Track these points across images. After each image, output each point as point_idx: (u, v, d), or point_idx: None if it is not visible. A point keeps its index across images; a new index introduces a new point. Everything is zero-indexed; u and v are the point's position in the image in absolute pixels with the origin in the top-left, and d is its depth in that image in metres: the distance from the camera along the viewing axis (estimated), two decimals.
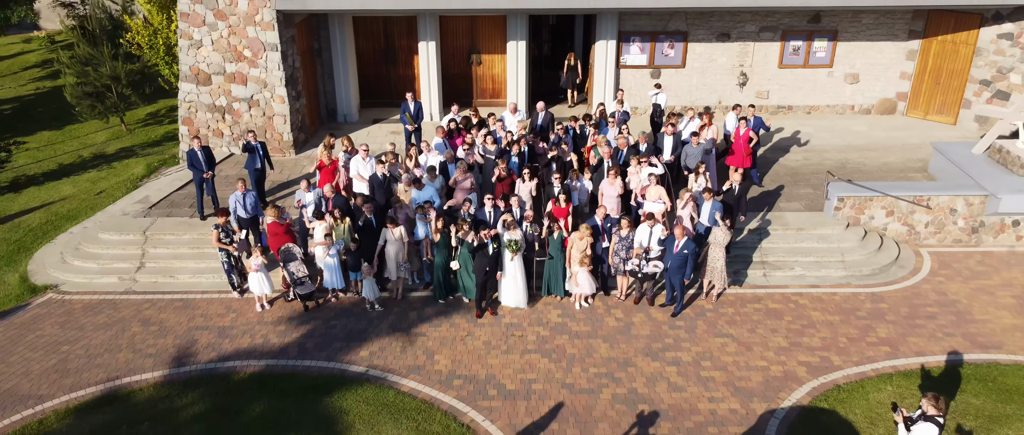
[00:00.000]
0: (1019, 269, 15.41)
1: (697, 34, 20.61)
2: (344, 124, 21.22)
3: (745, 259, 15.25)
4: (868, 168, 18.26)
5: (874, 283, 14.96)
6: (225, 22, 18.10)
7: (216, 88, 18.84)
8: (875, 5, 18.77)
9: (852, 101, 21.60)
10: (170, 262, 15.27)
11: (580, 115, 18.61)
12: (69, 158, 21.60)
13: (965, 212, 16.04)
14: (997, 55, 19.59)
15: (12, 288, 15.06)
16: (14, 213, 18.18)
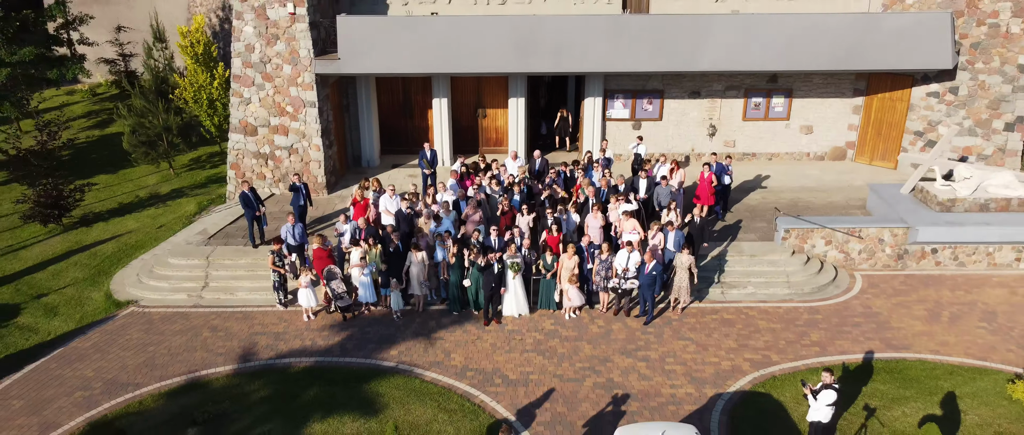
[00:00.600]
0: (934, 288, 18.60)
1: (672, 92, 24.10)
2: (368, 168, 24.58)
3: (707, 279, 18.45)
4: (816, 205, 21.56)
5: (813, 299, 18.15)
6: (271, 83, 21.58)
7: (261, 138, 22.25)
8: (821, 69, 22.27)
9: (807, 149, 25.01)
10: (229, 282, 18.47)
11: (570, 161, 21.97)
12: (127, 198, 24.88)
13: (891, 242, 19.30)
14: (926, 110, 23.06)
15: (99, 303, 18.22)
16: (89, 243, 21.40)
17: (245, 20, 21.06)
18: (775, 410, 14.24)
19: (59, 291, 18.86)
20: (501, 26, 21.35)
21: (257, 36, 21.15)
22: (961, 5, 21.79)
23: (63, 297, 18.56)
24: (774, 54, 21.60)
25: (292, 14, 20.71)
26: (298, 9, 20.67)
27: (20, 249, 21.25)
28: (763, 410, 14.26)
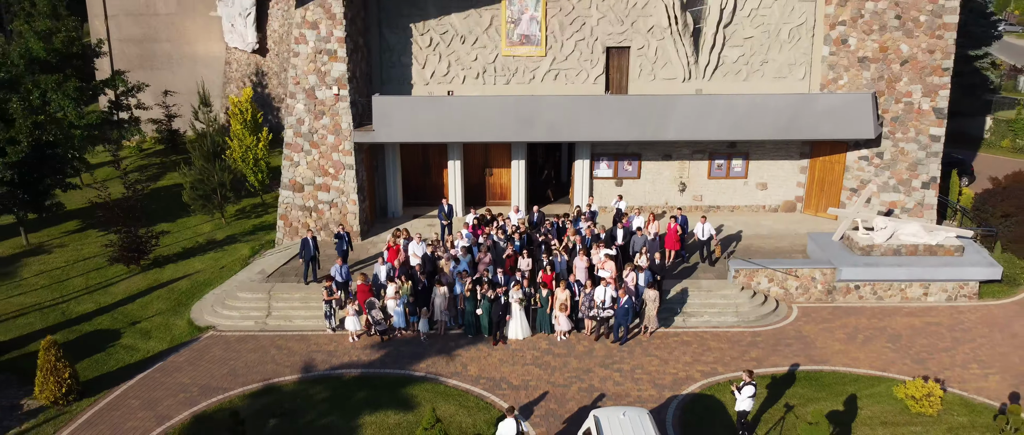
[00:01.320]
0: (854, 317, 23.23)
1: (648, 155, 28.99)
2: (393, 218, 29.36)
3: (671, 309, 23.07)
4: (766, 250, 26.26)
5: (756, 326, 22.76)
6: (317, 150, 26.47)
7: (307, 194, 27.07)
8: (769, 138, 27.18)
9: (763, 202, 29.82)
10: (288, 311, 23.10)
11: (562, 214, 26.75)
12: (189, 243, 29.59)
13: (822, 279, 23.99)
14: (859, 171, 27.94)
15: (183, 328, 22.83)
16: (166, 281, 26.06)
17: (297, 99, 26.04)
18: (716, 406, 18.79)
19: (149, 319, 23.48)
20: (505, 104, 26.37)
21: (307, 112, 26.10)
22: (882, 87, 26.82)
23: (153, 324, 23.17)
24: (729, 126, 26.56)
25: (336, 95, 25.69)
26: (341, 91, 25.65)
27: (109, 285, 25.92)
28: (707, 407, 18.80)
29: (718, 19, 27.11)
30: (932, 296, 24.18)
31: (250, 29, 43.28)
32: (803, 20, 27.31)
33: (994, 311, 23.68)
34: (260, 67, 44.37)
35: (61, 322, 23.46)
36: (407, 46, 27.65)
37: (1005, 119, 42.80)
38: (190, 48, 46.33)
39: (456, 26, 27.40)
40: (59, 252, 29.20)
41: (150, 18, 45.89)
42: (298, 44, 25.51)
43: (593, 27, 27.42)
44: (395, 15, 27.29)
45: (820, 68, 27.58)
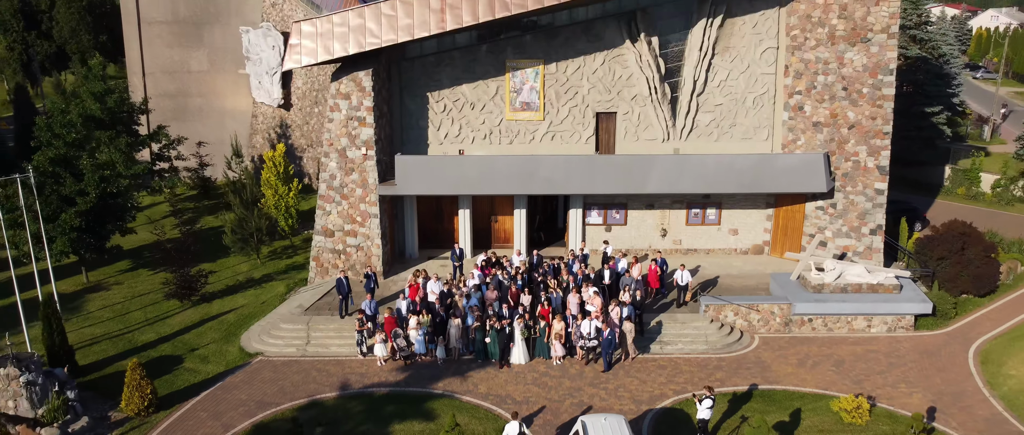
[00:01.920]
0: (806, 346, 27.42)
1: (633, 205, 33.38)
2: (410, 259, 33.65)
3: (650, 339, 27.26)
4: (735, 288, 30.50)
5: (722, 353, 26.94)
6: (347, 201, 30.86)
7: (336, 239, 31.40)
8: (736, 192, 31.59)
9: (734, 246, 34.13)
10: (325, 340, 27.29)
11: (557, 257, 31.04)
12: (230, 281, 33.83)
13: (780, 313, 28.23)
14: (816, 219, 32.32)
15: (235, 354, 26.99)
16: (215, 314, 30.26)
17: (330, 158, 30.50)
18: (684, 418, 22.93)
19: (205, 346, 27.66)
20: (509, 162, 30.87)
21: (338, 169, 30.56)
22: (833, 147, 31.33)
23: (210, 350, 27.34)
24: (702, 181, 31.04)
25: (364, 155, 30.16)
26: (369, 151, 30.13)
27: (166, 318, 30.13)
28: (676, 418, 22.96)
29: (692, 89, 31.72)
30: (874, 328, 28.40)
31: (276, 86, 48.00)
32: (765, 90, 31.92)
33: (926, 340, 27.89)
34: (284, 120, 49.02)
35: (129, 349, 27.63)
36: (424, 111, 32.22)
37: (963, 168, 47.27)
38: (220, 102, 51.12)
39: (466, 95, 31.99)
40: (117, 289, 33.47)
41: (184, 75, 50.75)
42: (333, 112, 30.05)
43: (584, 95, 32.02)
44: (414, 85, 31.91)
45: (781, 131, 32.11)
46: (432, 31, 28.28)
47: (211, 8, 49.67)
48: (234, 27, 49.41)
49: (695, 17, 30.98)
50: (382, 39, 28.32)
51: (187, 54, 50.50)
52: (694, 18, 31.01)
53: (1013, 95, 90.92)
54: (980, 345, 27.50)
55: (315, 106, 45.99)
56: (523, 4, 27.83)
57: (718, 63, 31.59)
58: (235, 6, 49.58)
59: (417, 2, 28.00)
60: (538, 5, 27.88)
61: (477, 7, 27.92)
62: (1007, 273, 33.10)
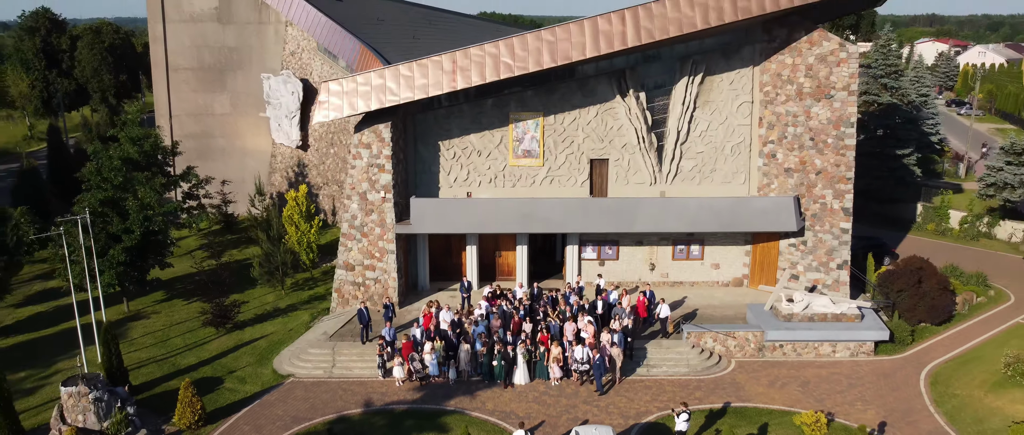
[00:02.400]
0: (776, 368, 30.95)
1: (624, 242, 37.08)
2: (422, 291, 37.26)
3: (638, 362, 30.79)
4: (715, 317, 34.07)
5: (702, 375, 30.46)
6: (366, 239, 34.56)
7: (357, 272, 35.04)
8: (719, 231, 35.29)
9: (716, 279, 37.77)
10: (348, 363, 30.83)
11: (555, 289, 34.61)
12: (259, 310, 37.41)
13: (754, 340, 31.80)
14: (789, 255, 35.99)
15: (269, 376, 30.51)
16: (247, 340, 33.81)
17: (352, 200, 34.25)
18: (665, 431, 26.45)
19: (242, 369, 31.19)
20: (512, 204, 34.66)
21: (359, 210, 34.30)
22: (803, 191, 35.12)
23: (246, 372, 30.88)
24: (685, 222, 34.79)
25: (383, 198, 33.93)
26: (387, 195, 33.90)
27: (204, 344, 33.70)
28: (659, 431, 26.48)
29: (676, 138, 35.57)
30: (838, 353, 31.96)
31: (294, 128, 51.92)
32: (741, 139, 35.76)
33: (884, 364, 31.44)
34: (302, 160, 52.90)
35: (173, 372, 31.17)
36: (436, 158, 36.05)
37: (934, 205, 51.05)
38: (241, 142, 55.10)
39: (474, 143, 35.85)
40: (155, 317, 37.07)
41: (208, 117, 54.81)
42: (355, 159, 33.87)
43: (579, 144, 35.87)
44: (427, 135, 35.77)
45: (756, 176, 35.90)
46: (444, 90, 32.21)
47: (234, 56, 53.83)
48: (255, 74, 53.53)
49: (678, 75, 34.94)
50: (400, 97, 32.23)
51: (211, 98, 54.58)
52: (677, 76, 34.97)
53: (994, 131, 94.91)
54: (932, 368, 31.04)
55: (331, 147, 49.86)
56: (524, 67, 31.79)
57: (699, 115, 35.48)
58: (257, 55, 53.74)
59: (432, 64, 31.96)
60: (537, 67, 31.84)
61: (484, 69, 31.88)
62: (963, 304, 36.77)
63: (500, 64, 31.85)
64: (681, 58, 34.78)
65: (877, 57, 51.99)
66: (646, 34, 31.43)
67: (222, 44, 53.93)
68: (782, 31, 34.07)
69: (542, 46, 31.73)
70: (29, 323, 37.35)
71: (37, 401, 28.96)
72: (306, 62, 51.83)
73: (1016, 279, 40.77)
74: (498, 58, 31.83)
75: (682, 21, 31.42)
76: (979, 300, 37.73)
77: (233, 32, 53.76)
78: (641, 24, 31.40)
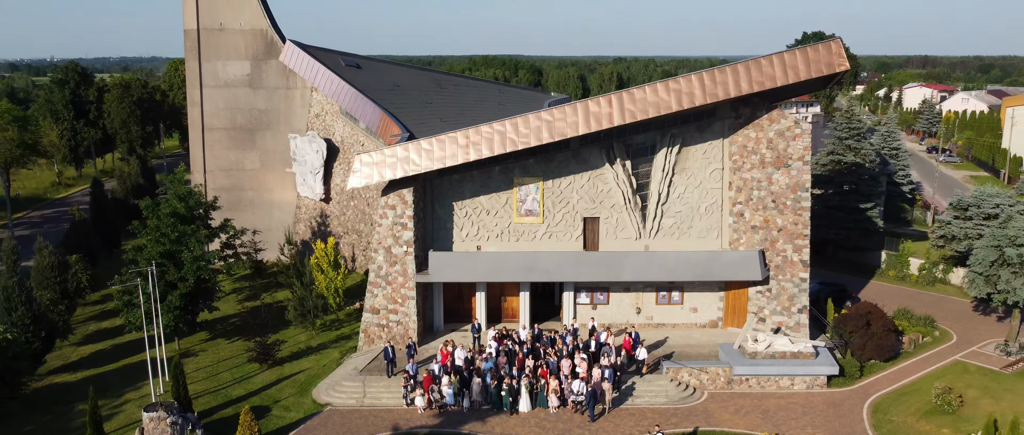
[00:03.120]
0: (742, 399, 36.50)
1: (614, 289, 42.85)
2: (437, 331, 42.91)
3: (625, 394, 36.35)
4: (692, 355, 39.68)
5: (679, 405, 36.02)
6: (390, 286, 40.34)
7: (381, 316, 40.74)
8: (695, 280, 41.06)
9: (695, 321, 43.46)
10: (377, 394, 36.41)
11: (554, 330, 40.27)
12: (294, 348, 43.01)
13: (723, 374, 37.42)
14: (757, 300, 41.73)
15: (310, 405, 36.07)
16: (288, 375, 39.39)
17: (379, 254, 40.09)
18: None
19: (286, 399, 36.75)
20: (516, 257, 40.53)
21: (385, 262, 40.13)
22: (767, 245, 40.98)
23: (290, 402, 36.43)
24: (666, 272, 40.63)
25: (405, 252, 39.79)
26: (408, 249, 39.76)
27: (250, 378, 39.29)
28: None
29: (658, 200, 41.55)
30: (796, 385, 37.56)
31: (318, 183, 57.95)
32: (714, 201, 41.73)
33: (835, 395, 37.02)
34: (324, 211, 58.86)
35: (227, 401, 36.73)
36: (450, 216, 41.99)
37: (896, 253, 56.91)
38: (268, 195, 61.12)
39: (483, 204, 41.82)
40: (203, 355, 42.68)
41: (239, 172, 60.89)
42: (382, 218, 39.78)
43: (574, 204, 41.83)
44: (443, 197, 41.75)
45: (727, 232, 41.81)
46: (459, 161, 38.27)
47: (264, 118, 60.13)
48: (283, 134, 59.75)
49: (659, 146, 41.04)
50: (421, 167, 38.28)
51: (242, 155, 60.75)
52: (658, 147, 41.06)
53: (968, 179, 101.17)
54: (875, 399, 36.64)
55: (351, 200, 55.85)
56: (527, 142, 37.91)
57: (677, 180, 41.50)
58: (284, 116, 60.04)
59: (448, 139, 38.07)
60: (538, 142, 37.94)
61: (493, 143, 37.97)
62: (909, 343, 42.48)
63: (506, 140, 37.95)
64: (661, 132, 40.88)
65: (842, 122, 58.24)
66: (629, 115, 37.59)
67: (253, 107, 60.26)
68: (746, 110, 40.24)
69: (542, 125, 37.87)
70: (91, 359, 42.94)
71: (116, 425, 34.50)
72: (329, 123, 58.03)
73: (960, 321, 46.52)
74: (504, 134, 37.94)
75: (660, 104, 37.62)
76: (925, 340, 43.44)
77: (263, 96, 60.12)
78: (625, 107, 37.58)
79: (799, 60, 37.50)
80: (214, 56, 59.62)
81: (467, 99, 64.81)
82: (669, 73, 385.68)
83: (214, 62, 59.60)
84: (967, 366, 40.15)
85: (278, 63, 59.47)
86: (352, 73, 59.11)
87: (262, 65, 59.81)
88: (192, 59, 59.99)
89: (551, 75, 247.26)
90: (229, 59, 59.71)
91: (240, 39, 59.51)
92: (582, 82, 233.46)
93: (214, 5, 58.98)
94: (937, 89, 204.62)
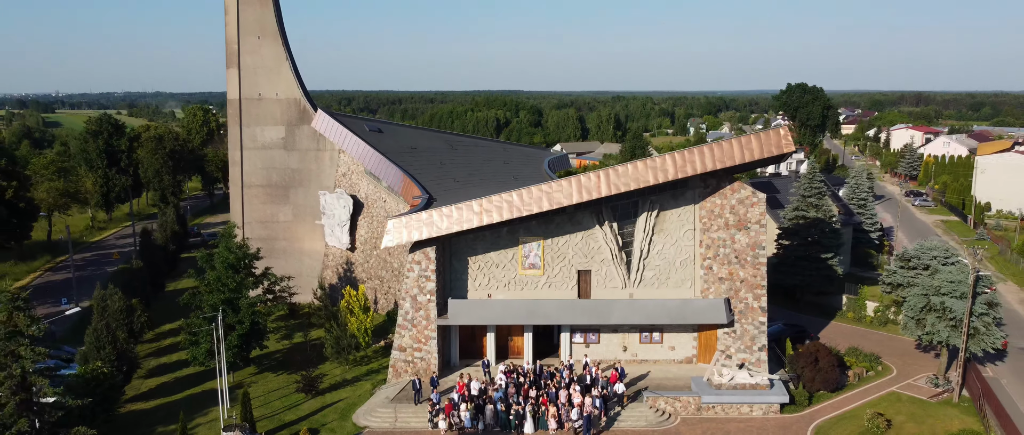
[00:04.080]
0: (710, 423, 44.57)
1: (604, 330, 51.08)
2: (453, 366, 51.05)
3: (612, 420, 44.39)
4: (668, 387, 47.77)
5: (656, 428, 44.10)
6: (416, 329, 48.61)
7: (407, 353, 48.93)
8: (672, 323, 49.30)
9: (673, 358, 51.62)
10: (406, 418, 44.50)
11: (553, 365, 48.43)
12: (331, 381, 51.07)
13: (694, 402, 45.54)
14: (725, 340, 49.93)
15: (351, 428, 44.15)
16: (330, 402, 47.46)
17: (406, 301, 48.41)
18: None
19: (330, 423, 44.82)
20: (520, 304, 48.88)
21: (411, 308, 48.44)
22: (732, 294, 49.28)
23: (334, 426, 44.49)
24: (647, 316, 48.94)
25: (428, 300, 48.11)
26: (431, 297, 48.08)
27: (297, 406, 47.37)
28: None
29: (640, 255, 49.95)
30: (754, 412, 45.65)
31: (345, 234, 66.43)
32: (687, 256, 50.14)
33: (786, 420, 45.10)
34: (349, 259, 67.25)
35: (281, 425, 44.77)
36: (465, 269, 50.36)
37: (854, 297, 65.21)
38: (299, 245, 69.57)
39: (493, 259, 50.22)
40: (255, 387, 50.75)
41: (273, 224, 69.40)
42: (409, 271, 48.15)
43: (570, 259, 50.22)
44: (460, 252, 50.16)
45: (698, 283, 50.16)
46: (474, 225, 46.74)
47: (296, 177, 68.81)
48: (313, 190, 68.39)
49: (640, 210, 49.56)
50: (442, 229, 46.75)
51: (277, 209, 69.33)
52: (640, 211, 49.58)
53: (938, 224, 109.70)
54: (818, 423, 44.73)
55: (373, 250, 64.27)
56: (530, 209, 46.43)
57: (656, 239, 49.96)
58: (314, 175, 68.71)
59: (466, 208, 46.59)
60: (539, 210, 46.47)
61: (502, 210, 46.48)
62: (854, 376, 50.64)
63: (513, 207, 46.48)
64: (643, 199, 49.41)
65: (805, 183, 66.88)
66: (615, 187, 46.19)
67: (287, 166, 68.99)
68: (713, 181, 48.86)
69: (542, 195, 46.43)
70: (158, 390, 51.01)
71: None
72: (355, 182, 66.67)
73: (903, 357, 54.73)
74: (512, 203, 46.48)
75: (640, 178, 46.24)
76: (869, 373, 51.61)
77: (296, 157, 68.88)
78: (611, 180, 46.19)
79: (754, 143, 46.19)
80: (253, 122, 68.50)
81: (475, 158, 73.65)
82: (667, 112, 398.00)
83: (253, 127, 68.47)
84: (900, 396, 48.29)
85: (310, 128, 68.32)
86: (375, 137, 68.02)
87: (295, 130, 68.66)
88: (234, 125, 68.89)
89: (551, 116, 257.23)
90: (266, 125, 68.58)
91: (276, 107, 68.46)
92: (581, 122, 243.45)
93: (254, 78, 68.02)
94: (923, 131, 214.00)
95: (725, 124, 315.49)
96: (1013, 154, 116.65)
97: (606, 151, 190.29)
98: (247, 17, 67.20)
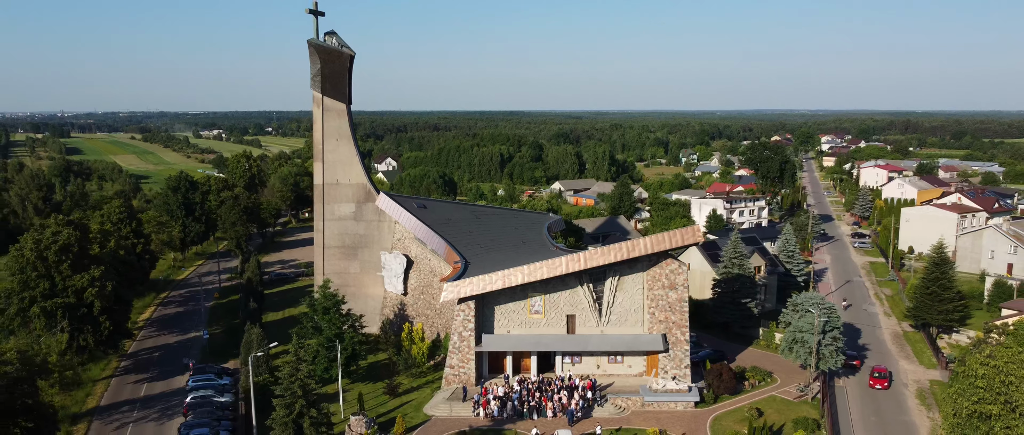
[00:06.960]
0: (649, 414, 73.38)
1: (584, 354, 79.92)
2: (483, 378, 79.78)
3: (587, 413, 73.11)
4: (625, 391, 76.50)
5: (617, 416, 72.86)
6: (461, 354, 77.48)
7: (456, 369, 77.78)
8: (630, 350, 78.03)
9: (631, 373, 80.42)
10: (458, 410, 73.40)
11: (555, 377, 77.20)
12: (403, 388, 79.72)
13: (640, 401, 74.46)
14: (664, 362, 78.76)
15: (422, 416, 72.97)
16: (405, 401, 76.17)
17: (454, 335, 77.27)
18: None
19: (409, 414, 73.59)
20: (529, 337, 78.00)
21: (459, 340, 77.30)
22: (667, 331, 78.14)
23: (412, 416, 73.25)
24: (612, 346, 77.99)
25: (471, 333, 76.97)
26: (472, 334, 76.94)
27: (385, 403, 76.19)
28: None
29: (607, 305, 78.83)
30: (678, 407, 74.49)
31: (400, 283, 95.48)
32: (638, 306, 79.02)
33: (697, 412, 73.95)
34: (402, 301, 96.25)
35: (379, 414, 73.39)
36: (493, 313, 79.20)
37: (768, 330, 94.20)
38: (364, 291, 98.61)
39: (511, 307, 79.11)
40: (351, 392, 79.42)
41: (345, 275, 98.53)
42: (457, 316, 77.04)
43: (561, 307, 79.10)
44: (490, 302, 79.02)
45: (646, 323, 78.99)
46: (499, 287, 75.65)
47: (363, 241, 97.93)
48: (376, 251, 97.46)
49: (608, 275, 78.47)
50: (480, 290, 75.64)
51: (347, 264, 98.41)
52: (607, 276, 78.48)
53: (867, 264, 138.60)
54: (717, 414, 73.50)
55: (421, 295, 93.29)
56: (536, 277, 75.41)
57: (619, 295, 78.87)
58: (376, 239, 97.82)
59: (496, 277, 75.49)
60: (542, 277, 75.46)
61: (518, 277, 75.44)
62: (749, 385, 79.64)
63: (524, 275, 75.39)
64: (610, 269, 78.18)
65: (731, 248, 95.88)
66: (590, 263, 75.21)
67: (356, 233, 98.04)
68: (656, 257, 77.84)
69: (545, 268, 75.37)
70: None
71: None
72: (407, 245, 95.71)
73: (789, 373, 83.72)
74: (525, 273, 75.40)
75: (606, 258, 75.27)
76: (761, 383, 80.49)
77: (363, 226, 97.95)
78: (590, 259, 75.21)
79: (677, 237, 75.25)
80: (331, 200, 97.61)
81: (494, 226, 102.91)
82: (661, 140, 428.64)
83: (332, 205, 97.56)
84: (776, 397, 77.17)
85: (373, 205, 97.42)
86: (421, 212, 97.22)
87: (362, 206, 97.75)
88: (318, 202, 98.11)
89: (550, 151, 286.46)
90: (341, 202, 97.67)
91: (349, 190, 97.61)
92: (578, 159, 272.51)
93: (333, 168, 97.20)
94: (888, 170, 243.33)
95: (715, 155, 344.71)
96: (932, 207, 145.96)
97: (600, 190, 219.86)
98: (330, 126, 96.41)
